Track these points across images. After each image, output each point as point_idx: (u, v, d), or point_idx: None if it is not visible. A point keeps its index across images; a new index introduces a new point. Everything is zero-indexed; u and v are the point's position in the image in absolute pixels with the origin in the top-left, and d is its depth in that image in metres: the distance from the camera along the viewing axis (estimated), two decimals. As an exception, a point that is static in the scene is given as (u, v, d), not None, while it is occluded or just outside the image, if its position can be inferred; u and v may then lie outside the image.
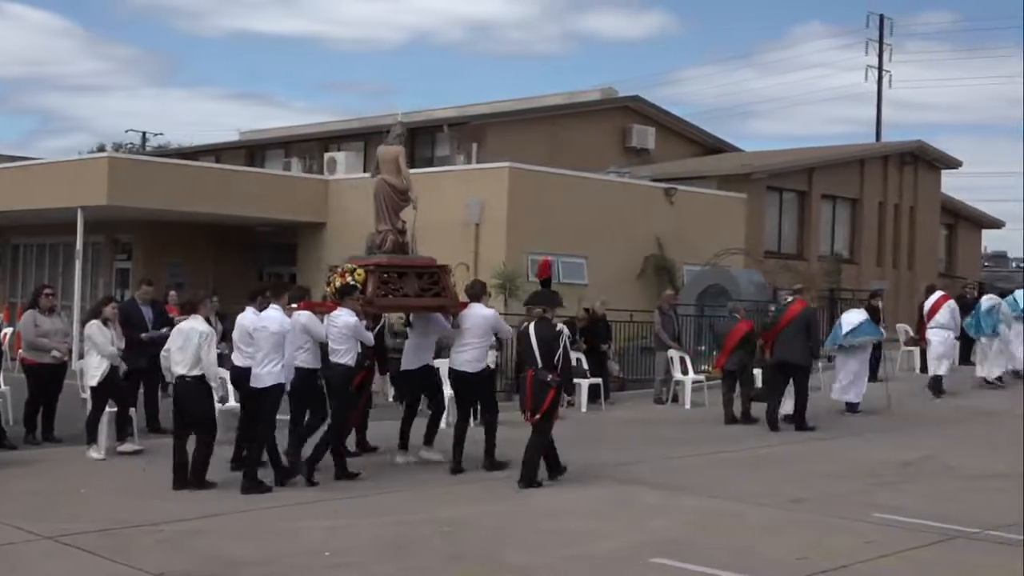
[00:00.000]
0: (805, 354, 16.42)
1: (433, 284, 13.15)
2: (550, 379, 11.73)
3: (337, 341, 12.11)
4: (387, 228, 13.33)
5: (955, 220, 38.73)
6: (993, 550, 9.29)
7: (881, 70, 50.54)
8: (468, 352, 12.77)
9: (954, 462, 13.67)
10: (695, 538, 9.71)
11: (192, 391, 11.55)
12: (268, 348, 11.60)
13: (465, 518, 10.41)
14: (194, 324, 11.74)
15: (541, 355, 11.79)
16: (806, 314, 16.57)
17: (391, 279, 12.93)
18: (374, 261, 12.99)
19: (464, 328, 12.81)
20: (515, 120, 32.57)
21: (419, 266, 13.28)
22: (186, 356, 11.53)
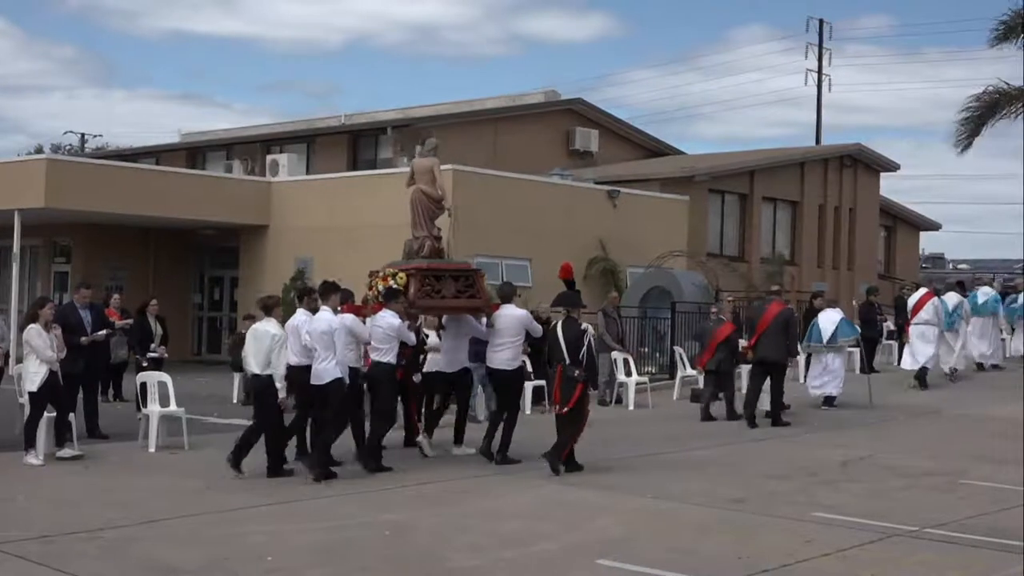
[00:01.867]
0: (783, 352, 17.03)
1: (468, 287, 13.96)
2: (577, 374, 12.62)
3: (381, 341, 12.89)
4: (424, 234, 14.16)
5: (893, 222, 39.24)
6: (931, 548, 9.41)
7: (821, 74, 51.08)
8: (505, 351, 13.54)
9: (893, 460, 13.83)
10: (638, 538, 9.75)
11: (262, 388, 12.44)
12: (322, 346, 12.32)
13: (409, 521, 10.39)
14: (268, 327, 12.53)
15: (569, 353, 12.64)
16: (784, 314, 17.18)
17: (430, 282, 13.72)
18: (414, 266, 13.78)
19: (499, 328, 13.55)
20: (458, 122, 32.55)
21: (455, 269, 14.13)
22: (259, 357, 12.37)
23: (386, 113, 35.09)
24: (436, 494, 11.80)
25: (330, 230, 25.69)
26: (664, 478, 12.72)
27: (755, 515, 10.66)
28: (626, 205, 27.24)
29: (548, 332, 13.46)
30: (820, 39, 51.41)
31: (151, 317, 18.30)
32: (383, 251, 24.07)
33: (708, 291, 25.35)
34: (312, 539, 9.62)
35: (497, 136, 31.88)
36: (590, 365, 12.88)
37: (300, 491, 11.76)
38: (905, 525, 10.05)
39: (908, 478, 12.63)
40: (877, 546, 9.43)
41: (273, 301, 13.14)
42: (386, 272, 13.76)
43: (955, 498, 11.46)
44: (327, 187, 27.27)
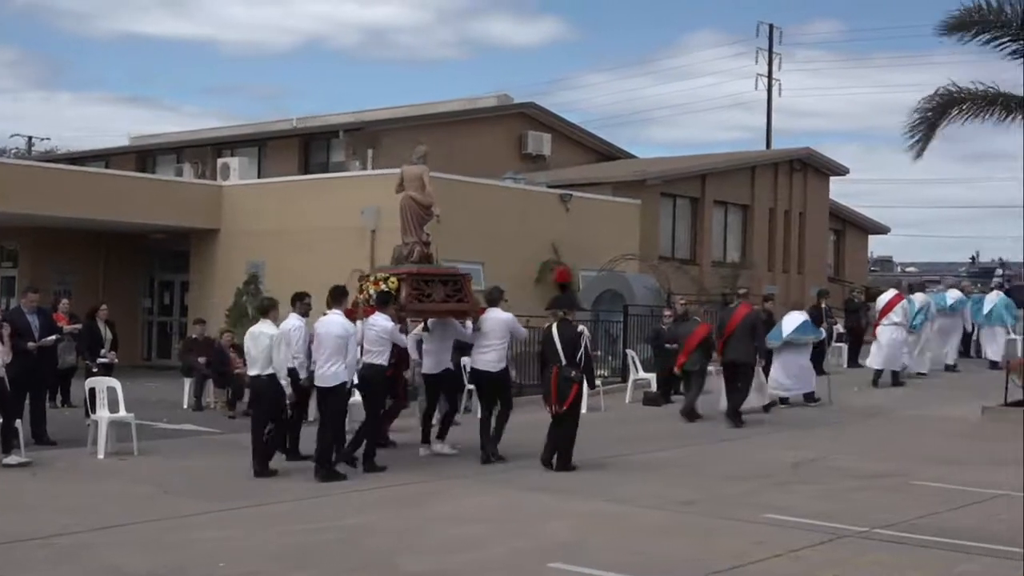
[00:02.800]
0: (751, 354, 17.40)
1: (456, 291, 14.40)
2: (573, 375, 13.03)
3: (374, 343, 13.27)
4: (414, 240, 14.60)
5: (843, 226, 39.58)
6: (882, 548, 9.50)
7: (771, 78, 51.48)
8: (490, 353, 13.97)
9: (844, 462, 13.95)
10: (590, 541, 9.77)
11: (264, 388, 12.90)
12: (331, 350, 12.66)
13: (363, 526, 10.36)
14: (264, 328, 13.03)
15: (565, 354, 13.02)
16: (752, 316, 17.56)
17: (421, 286, 14.14)
18: (405, 271, 14.19)
19: (485, 331, 13.98)
20: (411, 126, 32.46)
21: (444, 275, 14.58)
22: (259, 358, 12.85)
23: (338, 116, 34.95)
24: (393, 498, 11.77)
25: (282, 234, 25.56)
26: (617, 481, 12.77)
27: (707, 517, 10.72)
28: (578, 209, 27.31)
29: (543, 333, 13.84)
30: (770, 44, 51.84)
31: (100, 322, 18.15)
32: (336, 254, 24.14)
33: (660, 294, 25.47)
34: (265, 544, 9.56)
35: (450, 140, 31.83)
36: (587, 366, 13.37)
37: (255, 496, 11.69)
38: (855, 526, 10.14)
39: (859, 479, 12.75)
40: (828, 547, 9.50)
41: (270, 303, 13.59)
42: (377, 276, 14.10)
43: (905, 499, 11.58)
44: (279, 191, 27.13)
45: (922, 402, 19.71)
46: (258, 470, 12.80)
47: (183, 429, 16.91)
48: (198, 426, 17.23)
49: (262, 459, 12.89)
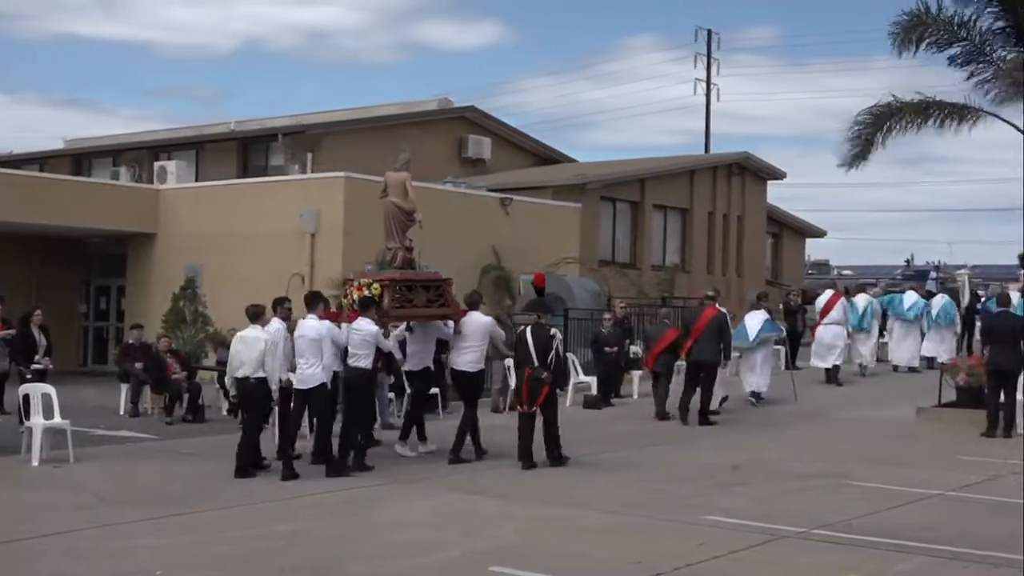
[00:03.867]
0: (717, 355, 17.78)
1: (439, 295, 14.71)
2: (545, 376, 13.49)
3: (358, 347, 13.52)
4: (397, 246, 14.80)
5: (780, 229, 39.97)
6: (819, 548, 9.60)
7: (709, 83, 51.87)
8: (469, 354, 14.42)
9: (784, 463, 14.08)
10: (533, 545, 9.79)
11: (253, 390, 13.14)
12: (309, 352, 13.07)
13: (304, 531, 10.29)
14: (256, 332, 13.25)
15: (537, 356, 13.50)
16: (718, 318, 17.92)
17: (403, 291, 14.43)
18: (388, 276, 14.41)
19: (466, 333, 14.43)
20: (351, 129, 32.37)
21: (426, 280, 14.80)
22: (251, 361, 13.07)
23: (277, 119, 34.72)
24: (336, 503, 11.72)
25: (220, 238, 25.33)
26: (562, 484, 12.79)
27: (650, 519, 10.77)
28: (519, 212, 27.34)
29: (517, 336, 14.31)
30: (708, 49, 52.23)
31: (35, 327, 17.89)
32: (275, 258, 24.00)
33: (600, 298, 25.57)
34: (204, 552, 9.46)
35: (391, 143, 31.60)
36: (558, 368, 13.96)
37: (194, 502, 11.57)
38: (794, 527, 10.24)
39: (798, 480, 12.87)
40: (767, 547, 9.59)
41: (260, 309, 13.75)
42: (361, 282, 14.35)
43: (843, 499, 11.71)
44: (217, 194, 26.89)
45: (859, 403, 19.95)
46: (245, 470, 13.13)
47: (120, 436, 16.70)
48: (135, 432, 17.02)
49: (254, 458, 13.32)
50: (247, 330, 13.49)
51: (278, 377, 13.34)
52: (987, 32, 18.03)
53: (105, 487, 12.42)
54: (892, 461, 14.15)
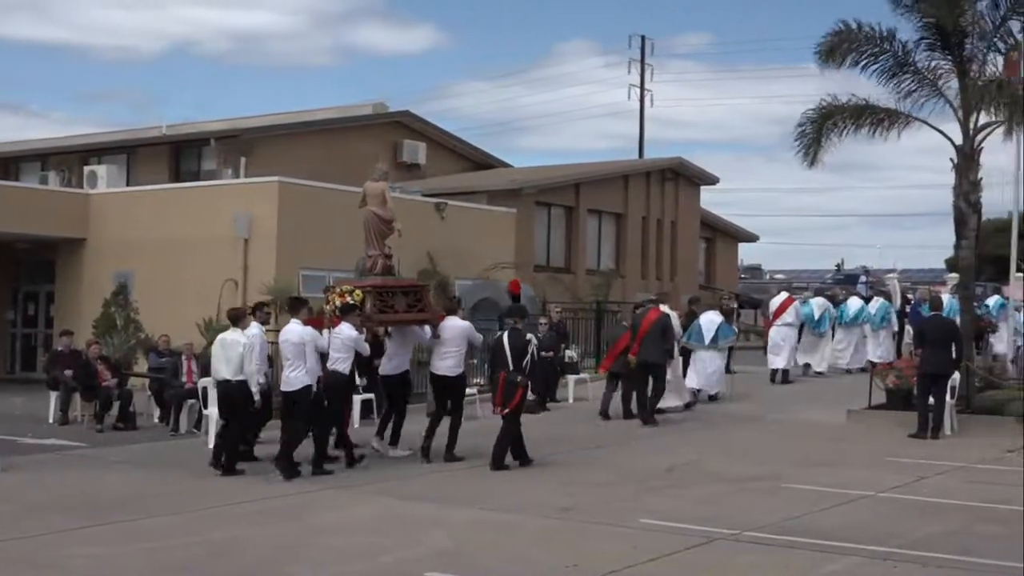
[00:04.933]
0: (662, 355, 18.30)
1: (417, 301, 15.18)
2: (519, 380, 13.89)
3: (339, 351, 13.96)
4: (376, 253, 15.27)
5: (713, 234, 40.35)
6: (752, 550, 9.69)
7: (643, 89, 52.25)
8: (449, 359, 14.77)
9: (717, 466, 14.20)
10: (469, 550, 9.79)
11: (235, 393, 13.57)
12: (292, 356, 13.43)
13: (242, 538, 10.21)
14: (236, 336, 13.64)
15: (512, 360, 13.88)
16: (662, 320, 18.44)
17: (385, 298, 14.85)
18: (369, 283, 14.88)
19: (445, 338, 14.75)
20: (286, 134, 32.18)
21: (405, 286, 15.42)
22: (231, 364, 13.53)
23: (210, 123, 34.41)
24: (274, 509, 11.65)
25: (151, 243, 25.07)
26: (497, 488, 12.82)
27: (585, 523, 10.81)
28: (454, 218, 27.34)
29: (494, 341, 14.68)
30: (642, 55, 52.62)
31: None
32: (208, 264, 23.79)
33: (536, 302, 25.60)
34: (140, 561, 9.35)
35: (326, 148, 31.60)
36: (533, 372, 14.40)
37: (131, 511, 11.44)
38: (728, 529, 10.34)
39: (731, 483, 12.99)
40: (701, 550, 9.67)
41: (240, 312, 14.30)
42: (343, 289, 14.82)
43: (776, 501, 11.83)
44: (148, 199, 26.61)
45: (793, 406, 20.16)
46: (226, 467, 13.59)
47: (49, 444, 16.46)
48: (65, 441, 16.79)
49: (230, 458, 13.64)
50: (226, 333, 13.92)
51: (256, 380, 13.67)
52: (911, 43, 18.33)
53: (35, 496, 12.23)
54: (824, 463, 14.33)
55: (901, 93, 18.48)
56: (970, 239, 18.16)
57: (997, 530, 10.35)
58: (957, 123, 18.08)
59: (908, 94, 18.46)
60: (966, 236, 18.15)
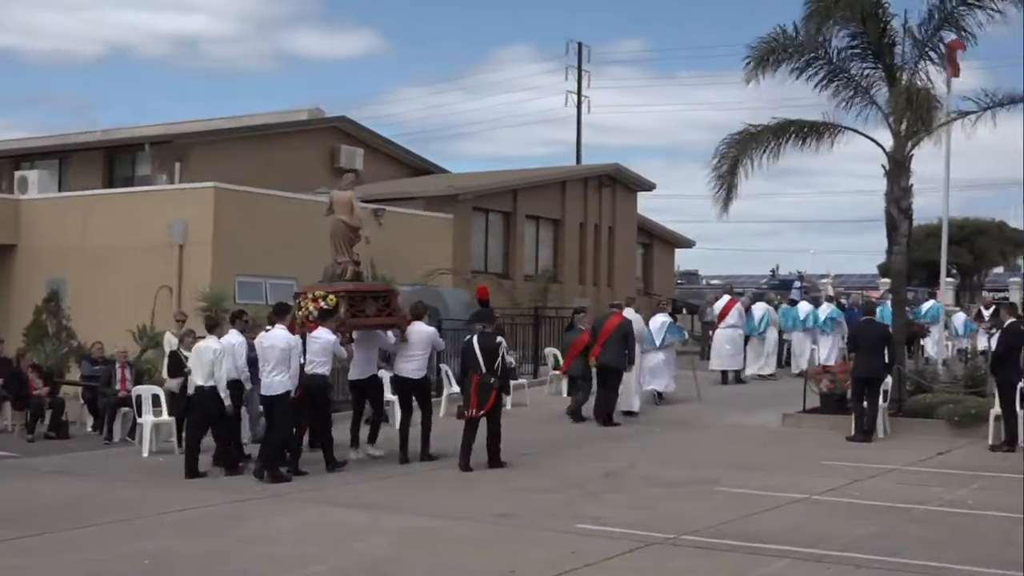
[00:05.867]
0: (622, 359, 18.63)
1: (386, 305, 15.57)
2: (492, 382, 14.32)
3: (317, 354, 14.30)
4: (346, 260, 15.67)
5: (650, 240, 40.55)
6: (687, 554, 9.77)
7: (580, 95, 52.36)
8: (414, 362, 15.27)
9: (653, 471, 14.27)
10: (402, 557, 9.77)
11: (208, 399, 13.91)
12: (276, 361, 13.74)
13: (172, 549, 10.10)
14: (210, 343, 14.07)
15: (484, 362, 14.27)
16: (624, 325, 18.82)
17: (356, 303, 15.24)
18: (342, 288, 15.19)
19: (411, 342, 15.25)
20: (222, 139, 31.92)
21: (375, 291, 15.91)
22: (203, 369, 13.91)
23: (145, 128, 34.06)
24: (206, 519, 11.55)
25: (84, 250, 24.76)
26: (433, 495, 12.80)
27: (522, 529, 10.83)
28: (392, 223, 27.26)
29: (464, 344, 15.09)
30: (579, 61, 52.77)
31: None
32: (142, 271, 23.53)
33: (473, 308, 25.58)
34: (71, 572, 9.23)
35: (262, 153, 31.40)
36: (504, 373, 14.82)
37: (64, 521, 11.28)
38: (663, 533, 10.40)
39: (667, 487, 13.06)
40: (637, 554, 9.72)
41: (215, 320, 14.79)
42: (316, 294, 15.09)
43: (710, 505, 11.92)
44: (81, 205, 26.26)
45: (728, 410, 20.31)
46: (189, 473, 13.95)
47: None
48: (0, 452, 16.52)
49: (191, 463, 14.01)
50: (203, 341, 14.35)
51: (224, 385, 13.97)
52: (843, 50, 18.54)
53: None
54: (759, 466, 14.46)
55: (836, 100, 18.71)
56: (902, 244, 18.42)
57: (927, 531, 10.51)
58: (888, 130, 18.34)
59: (843, 101, 18.70)
60: (898, 242, 18.42)
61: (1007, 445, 15.47)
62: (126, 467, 15.03)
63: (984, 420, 16.06)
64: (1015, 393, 15.60)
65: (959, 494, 12.38)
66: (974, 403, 16.75)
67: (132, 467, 14.88)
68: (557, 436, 17.65)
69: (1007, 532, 10.50)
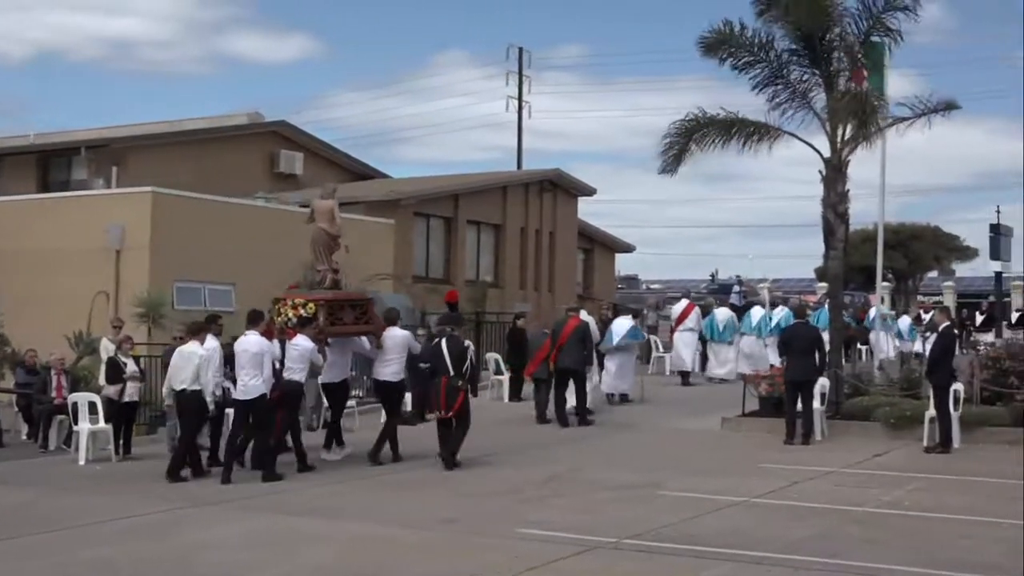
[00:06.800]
0: (581, 361, 19.23)
1: (363, 313, 15.98)
2: (460, 384, 14.69)
3: (295, 361, 14.60)
4: (325, 268, 15.95)
5: (591, 245, 40.71)
6: (631, 558, 9.82)
7: (521, 100, 52.47)
8: (391, 366, 15.69)
9: (595, 475, 14.32)
10: (350, 564, 9.73)
11: (190, 402, 14.19)
12: (250, 365, 14.00)
13: (111, 557, 9.98)
14: (194, 348, 14.28)
15: (452, 365, 14.64)
16: (581, 328, 19.41)
17: (335, 310, 15.58)
18: (321, 296, 15.49)
19: (387, 347, 15.66)
20: (159, 144, 31.65)
21: (353, 299, 16.11)
22: (187, 374, 14.14)
23: (81, 132, 33.66)
24: (147, 526, 11.43)
25: (18, 255, 24.40)
26: (378, 501, 12.77)
27: (467, 534, 10.82)
28: (333, 228, 27.09)
29: (432, 347, 15.41)
30: (520, 67, 52.85)
31: None
32: (79, 276, 23.24)
33: (414, 313, 25.55)
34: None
35: (200, 158, 31.13)
36: (472, 376, 15.24)
37: None
38: (607, 537, 10.44)
39: (610, 491, 13.11)
40: (581, 558, 9.75)
41: (199, 326, 14.83)
42: (296, 302, 15.37)
43: (653, 508, 11.99)
44: (14, 210, 25.90)
45: (673, 414, 20.41)
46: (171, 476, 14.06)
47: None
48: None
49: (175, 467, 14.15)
50: (186, 345, 14.56)
51: (211, 390, 14.29)
52: (784, 53, 18.73)
53: None
54: (700, 470, 14.56)
55: (774, 104, 18.89)
56: (838, 249, 18.64)
57: (866, 532, 10.65)
58: (825, 136, 18.55)
59: (780, 105, 18.88)
60: (835, 246, 18.63)
61: (941, 446, 15.72)
62: (63, 475, 14.83)
63: (919, 422, 16.30)
64: (949, 396, 15.87)
65: (896, 495, 12.56)
66: (909, 406, 16.99)
67: (69, 475, 14.69)
68: (502, 440, 17.65)
69: (943, 533, 10.68)
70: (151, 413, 18.16)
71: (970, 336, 32.91)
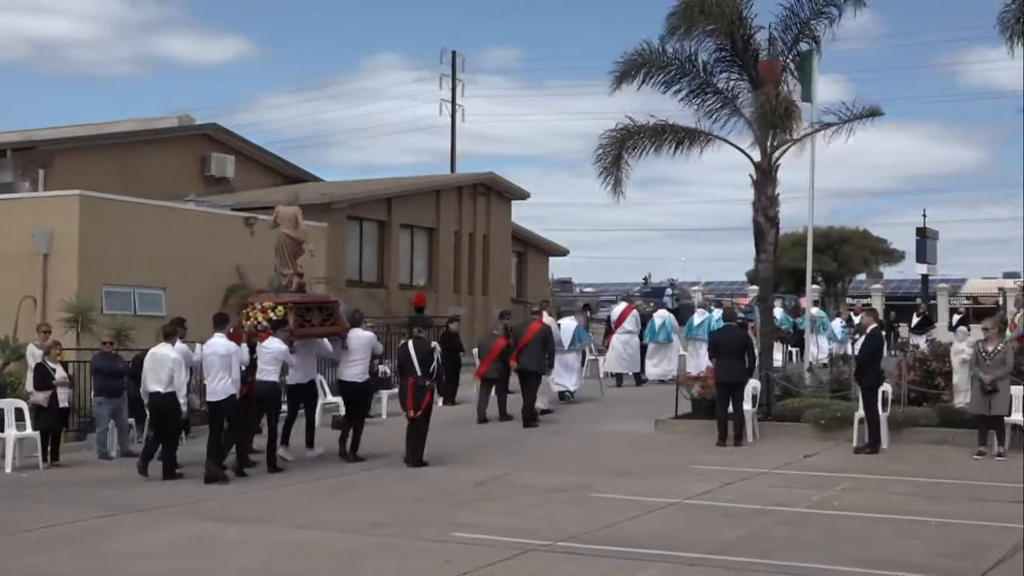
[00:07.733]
0: (542, 363, 19.71)
1: (329, 315, 16.52)
2: (428, 384, 15.14)
3: (268, 363, 15.05)
4: (291, 272, 16.51)
5: (525, 248, 40.80)
6: (565, 560, 9.83)
7: (454, 104, 52.43)
8: (356, 367, 16.08)
9: (526, 478, 14.33)
10: (279, 570, 9.66)
11: (166, 404, 14.41)
12: (218, 368, 14.23)
13: (39, 566, 9.81)
14: (166, 350, 14.44)
15: (420, 366, 15.01)
16: (543, 331, 19.80)
17: (303, 313, 16.10)
18: (289, 300, 16.05)
19: (352, 347, 16.08)
20: (87, 146, 31.20)
21: (319, 302, 16.85)
22: (161, 376, 14.33)
23: (6, 135, 33.06)
24: (71, 535, 11.22)
25: (-57, 259, 23.88)
26: (306, 506, 12.67)
27: (397, 539, 10.77)
28: (264, 232, 26.80)
29: (400, 349, 15.84)
30: (453, 70, 52.81)
31: None
32: (4, 281, 22.81)
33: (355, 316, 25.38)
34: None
35: (129, 161, 30.75)
36: (438, 376, 15.77)
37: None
38: (540, 540, 10.45)
39: (542, 494, 13.12)
40: (515, 562, 9.75)
41: (171, 329, 14.94)
42: (264, 305, 15.85)
43: (586, 511, 12.01)
44: (-62, 213, 25.32)
45: (607, 416, 20.47)
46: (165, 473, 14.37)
47: None
48: None
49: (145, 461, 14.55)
50: (157, 347, 14.65)
51: (184, 392, 14.63)
52: (711, 62, 18.90)
53: None
54: (633, 472, 14.62)
55: (704, 112, 19.04)
56: (769, 252, 18.84)
57: (797, 533, 10.77)
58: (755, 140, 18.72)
59: (711, 112, 19.03)
60: (765, 249, 18.82)
61: (870, 447, 15.93)
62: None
63: (849, 423, 16.50)
64: (878, 397, 16.09)
65: (826, 495, 12.72)
66: (839, 407, 17.20)
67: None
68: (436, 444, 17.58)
69: (872, 532, 10.82)
70: (80, 419, 17.86)
71: (898, 338, 33.36)
